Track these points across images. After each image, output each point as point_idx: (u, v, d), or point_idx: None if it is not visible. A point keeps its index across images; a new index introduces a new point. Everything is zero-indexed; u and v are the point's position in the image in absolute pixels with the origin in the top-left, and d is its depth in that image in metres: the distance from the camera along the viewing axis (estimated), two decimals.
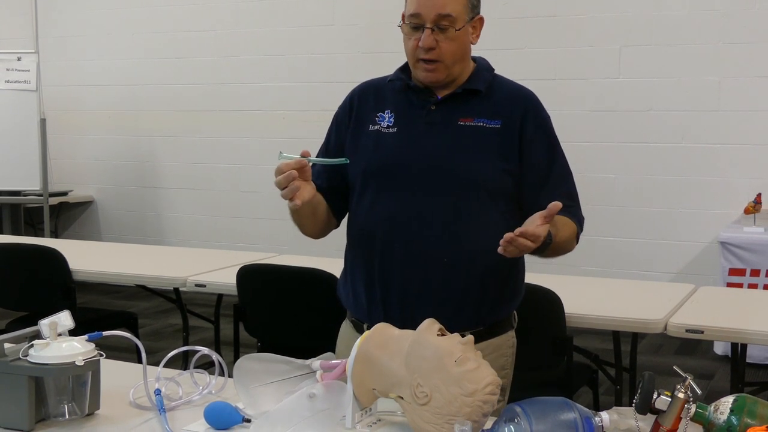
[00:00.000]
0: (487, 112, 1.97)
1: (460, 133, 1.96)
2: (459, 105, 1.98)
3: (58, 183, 7.30)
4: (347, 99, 2.11)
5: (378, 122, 2.02)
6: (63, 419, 1.64)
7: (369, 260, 2.00)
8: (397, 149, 1.98)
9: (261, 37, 6.65)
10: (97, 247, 5.23)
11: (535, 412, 1.42)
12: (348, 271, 2.09)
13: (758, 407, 1.43)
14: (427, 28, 1.90)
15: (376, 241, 1.98)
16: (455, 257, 1.93)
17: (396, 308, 1.96)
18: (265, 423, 1.55)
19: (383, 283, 1.97)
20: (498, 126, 1.96)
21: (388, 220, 1.97)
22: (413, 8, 1.91)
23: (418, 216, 1.94)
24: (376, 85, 2.09)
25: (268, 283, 3.39)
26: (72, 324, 1.66)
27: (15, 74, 6.59)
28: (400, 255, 1.95)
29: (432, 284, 1.94)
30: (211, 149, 6.87)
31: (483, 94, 1.99)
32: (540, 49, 5.83)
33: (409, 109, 2.01)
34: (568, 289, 2.92)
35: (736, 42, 5.37)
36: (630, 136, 5.65)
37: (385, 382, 1.56)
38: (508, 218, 1.95)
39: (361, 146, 2.02)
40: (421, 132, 1.97)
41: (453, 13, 1.90)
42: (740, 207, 5.22)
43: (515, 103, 2.00)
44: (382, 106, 2.03)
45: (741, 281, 4.66)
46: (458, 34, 1.92)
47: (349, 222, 2.08)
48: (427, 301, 1.93)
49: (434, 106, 1.98)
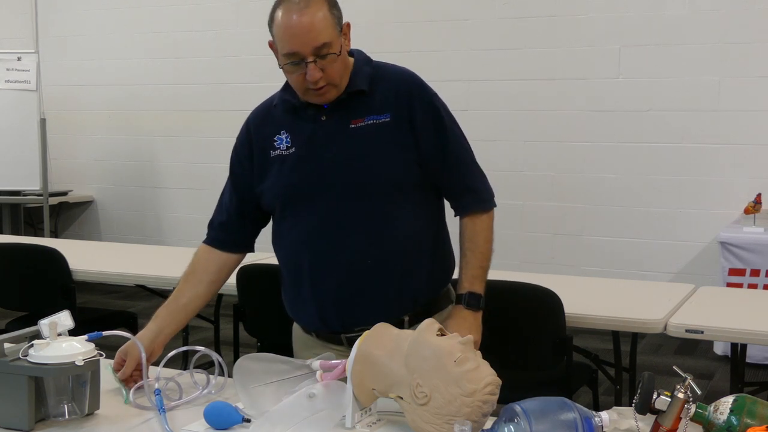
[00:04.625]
0: (374, 108, 1.99)
1: (355, 136, 1.98)
2: (347, 108, 1.99)
3: (58, 183, 7.30)
4: (243, 130, 2.15)
5: (277, 146, 2.04)
6: (63, 419, 1.64)
7: (299, 279, 2.05)
8: (301, 169, 2.00)
9: (261, 37, 6.60)
10: (97, 247, 5.23)
11: (535, 412, 1.42)
12: (284, 289, 2.14)
13: (758, 407, 1.43)
14: (310, 62, 1.89)
15: (303, 260, 2.03)
16: (379, 257, 1.98)
17: (333, 317, 2.02)
18: (265, 423, 1.55)
19: (316, 297, 2.02)
20: (388, 119, 1.98)
21: (308, 238, 2.01)
22: (288, 48, 1.90)
23: (337, 227, 1.98)
24: (265, 110, 2.12)
25: (268, 283, 3.38)
26: (72, 324, 1.66)
27: (15, 74, 6.58)
28: (327, 268, 2.00)
29: (362, 286, 1.99)
30: (211, 149, 6.86)
31: (367, 91, 1.99)
32: (540, 49, 5.82)
33: (301, 126, 2.02)
34: (568, 289, 2.92)
35: (736, 42, 5.36)
36: (630, 136, 5.65)
37: (384, 382, 1.56)
38: (425, 207, 2.04)
39: (268, 174, 2.05)
40: (319, 145, 1.99)
41: (327, 40, 1.89)
42: (740, 207, 5.21)
43: (399, 90, 2.00)
44: (276, 129, 2.06)
45: (741, 281, 4.66)
46: (340, 54, 1.92)
47: (274, 245, 2.12)
48: (362, 302, 1.99)
49: (324, 116, 2.00)
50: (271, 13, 1.96)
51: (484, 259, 2.06)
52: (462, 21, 6.02)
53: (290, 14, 1.89)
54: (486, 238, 2.07)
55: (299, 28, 1.88)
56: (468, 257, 2.04)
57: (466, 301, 2.03)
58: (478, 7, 5.97)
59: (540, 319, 2.80)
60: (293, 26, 1.89)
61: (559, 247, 5.82)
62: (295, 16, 1.88)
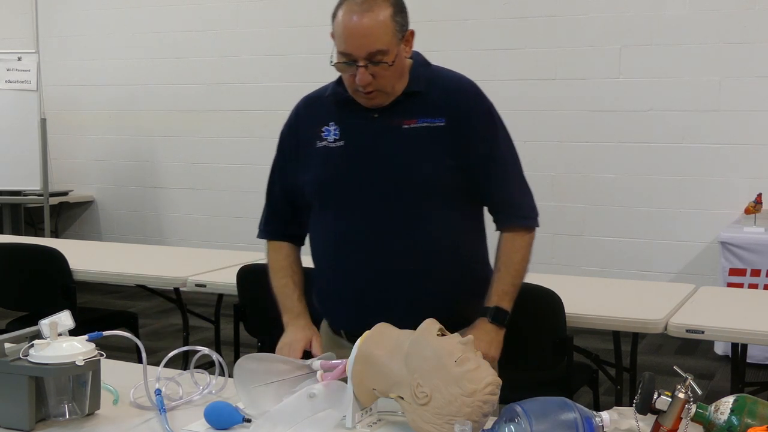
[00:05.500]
0: (429, 111, 1.96)
1: (406, 136, 1.95)
2: (401, 108, 1.96)
3: (59, 183, 7.30)
4: (291, 116, 2.12)
5: (324, 137, 2.01)
6: (63, 419, 1.64)
7: (332, 276, 2.03)
8: (346, 163, 1.98)
9: (261, 37, 6.65)
10: (97, 247, 5.22)
11: (535, 412, 1.42)
12: (318, 285, 2.11)
13: (758, 407, 1.43)
14: (360, 66, 1.86)
15: (339, 257, 2.01)
16: (416, 263, 1.95)
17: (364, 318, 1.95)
18: (265, 423, 1.55)
19: (348, 297, 2.00)
20: (443, 123, 1.95)
21: (346, 236, 1.99)
22: (342, 47, 1.88)
23: (377, 228, 1.96)
24: (316, 99, 2.08)
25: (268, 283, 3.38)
26: (72, 324, 1.66)
27: (15, 74, 6.58)
28: (362, 269, 1.97)
29: (396, 290, 1.96)
30: (211, 149, 6.87)
31: (423, 93, 1.97)
32: (540, 49, 5.82)
33: (352, 119, 2.00)
34: (568, 289, 2.92)
35: (736, 42, 5.36)
36: (630, 136, 5.65)
37: (385, 382, 1.56)
38: (467, 217, 2.01)
39: (312, 165, 2.03)
40: (368, 142, 1.97)
41: (383, 47, 1.86)
42: (740, 207, 5.22)
43: (456, 96, 1.99)
44: (325, 119, 2.02)
45: (741, 281, 4.66)
46: (392, 64, 1.89)
47: (311, 239, 2.11)
48: (394, 307, 1.95)
49: (377, 114, 1.97)
50: (335, 7, 1.91)
51: (517, 277, 2.01)
52: (462, 21, 6.02)
53: (351, 14, 1.85)
54: (523, 257, 2.02)
55: (356, 30, 1.85)
56: (501, 272, 2.00)
57: (492, 315, 1.97)
58: (478, 7, 5.97)
59: (540, 319, 2.80)
60: (351, 27, 1.85)
61: (559, 247, 5.82)
62: (355, 17, 1.85)
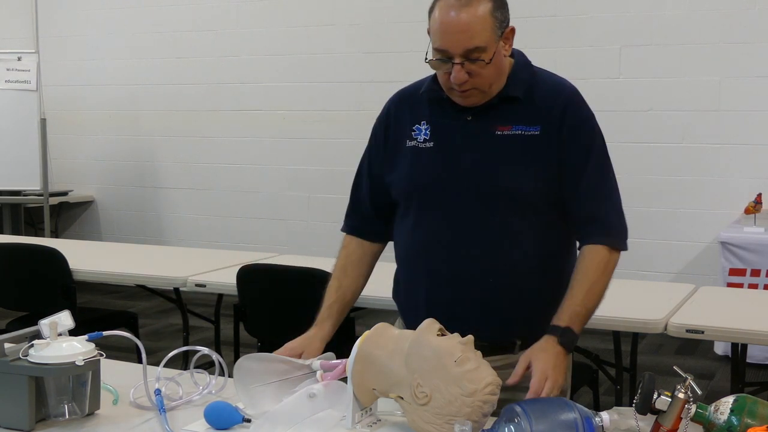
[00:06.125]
0: (525, 118, 1.87)
1: (498, 143, 1.85)
2: (496, 113, 1.87)
3: (59, 183, 7.29)
4: (383, 112, 2.04)
5: (414, 137, 1.93)
6: (63, 419, 1.64)
7: (414, 280, 1.96)
8: (435, 166, 1.90)
9: (261, 37, 6.64)
10: (97, 247, 5.23)
11: (535, 412, 1.42)
12: (399, 285, 2.03)
13: (758, 407, 1.43)
14: (456, 64, 1.78)
15: (421, 262, 1.93)
16: (501, 274, 1.87)
17: (443, 326, 1.92)
18: (265, 423, 1.55)
19: (430, 303, 1.91)
20: (537, 132, 1.85)
21: (431, 241, 1.90)
22: (438, 43, 1.79)
23: (462, 236, 1.87)
24: (410, 95, 2.01)
25: (268, 283, 3.39)
26: (72, 324, 1.66)
27: (15, 74, 6.58)
28: (445, 276, 1.89)
29: (479, 301, 1.88)
30: (211, 149, 6.86)
31: (521, 98, 1.88)
32: (540, 49, 5.79)
33: (444, 120, 1.91)
34: None
35: (736, 42, 5.36)
36: (630, 136, 5.65)
37: (385, 382, 1.56)
38: (556, 230, 1.91)
39: (400, 164, 1.95)
40: (459, 145, 1.88)
41: (481, 44, 1.77)
42: (740, 207, 5.21)
43: (554, 102, 1.89)
44: (417, 117, 1.95)
45: (741, 281, 4.66)
46: (490, 62, 1.79)
47: (395, 241, 2.02)
48: (474, 318, 1.86)
49: (470, 116, 1.88)
50: (432, 3, 1.83)
51: (592, 299, 1.85)
52: None
53: (449, 9, 1.76)
54: (600, 276, 1.86)
55: (454, 26, 1.76)
56: (575, 290, 1.83)
57: (560, 335, 1.78)
58: None
59: None
60: (448, 23, 1.76)
61: None
62: (453, 12, 1.76)
